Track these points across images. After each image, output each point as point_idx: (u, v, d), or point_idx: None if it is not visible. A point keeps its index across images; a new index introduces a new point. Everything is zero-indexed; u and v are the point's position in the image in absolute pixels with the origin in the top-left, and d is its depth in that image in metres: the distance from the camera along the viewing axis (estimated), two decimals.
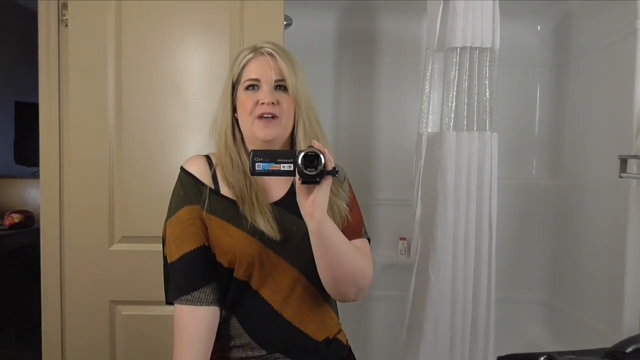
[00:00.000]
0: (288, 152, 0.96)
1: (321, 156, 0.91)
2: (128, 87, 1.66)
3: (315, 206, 0.95)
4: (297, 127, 1.14)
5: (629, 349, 0.84)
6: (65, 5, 1.67)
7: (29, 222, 3.02)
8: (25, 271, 2.91)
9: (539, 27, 2.87)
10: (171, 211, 1.13)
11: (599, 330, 2.21)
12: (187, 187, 1.12)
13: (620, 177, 1.97)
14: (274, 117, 1.09)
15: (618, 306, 2.03)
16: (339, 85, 2.85)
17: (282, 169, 0.93)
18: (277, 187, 1.16)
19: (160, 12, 1.66)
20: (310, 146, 0.93)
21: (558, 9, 2.72)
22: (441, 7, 2.05)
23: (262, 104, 1.08)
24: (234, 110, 1.15)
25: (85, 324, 1.68)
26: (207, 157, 1.17)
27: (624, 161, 1.97)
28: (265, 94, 1.09)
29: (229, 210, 1.10)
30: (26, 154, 3.50)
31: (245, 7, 1.66)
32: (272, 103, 1.08)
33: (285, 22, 1.70)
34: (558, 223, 2.74)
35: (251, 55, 1.13)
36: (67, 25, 1.67)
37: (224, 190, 1.12)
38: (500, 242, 2.16)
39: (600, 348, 0.87)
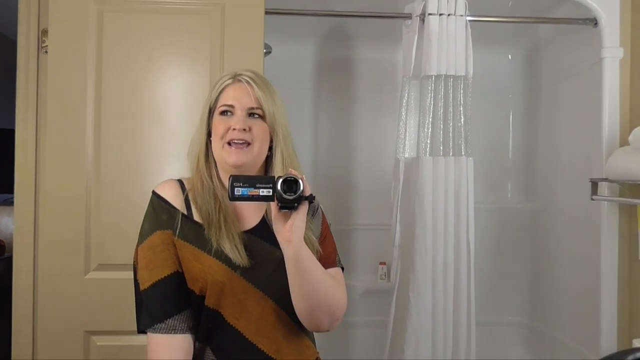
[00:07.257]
0: (267, 177, 0.96)
1: (300, 181, 0.92)
2: (107, 115, 1.65)
3: (292, 232, 0.94)
4: (274, 155, 1.13)
5: None
6: (45, 32, 1.67)
7: None
8: None
9: (510, 56, 2.97)
10: (143, 236, 1.10)
11: (578, 351, 2.23)
12: (159, 212, 1.10)
13: (592, 199, 2.03)
14: (245, 143, 1.08)
15: (595, 327, 2.06)
16: (318, 112, 2.89)
17: (261, 194, 0.93)
18: (250, 215, 1.14)
19: (140, 41, 1.67)
20: (288, 173, 0.94)
21: (528, 38, 2.83)
22: (416, 36, 2.11)
23: (234, 129, 1.07)
24: (209, 134, 1.14)
25: (58, 355, 1.63)
26: (180, 182, 1.15)
27: (594, 184, 2.03)
28: (237, 120, 1.08)
29: (201, 236, 1.08)
30: None
31: (226, 35, 1.69)
32: (244, 130, 1.07)
33: (264, 50, 1.73)
34: (534, 245, 2.79)
35: (230, 81, 1.13)
36: (46, 52, 1.67)
37: (197, 216, 1.10)
38: (478, 266, 2.19)
39: None
